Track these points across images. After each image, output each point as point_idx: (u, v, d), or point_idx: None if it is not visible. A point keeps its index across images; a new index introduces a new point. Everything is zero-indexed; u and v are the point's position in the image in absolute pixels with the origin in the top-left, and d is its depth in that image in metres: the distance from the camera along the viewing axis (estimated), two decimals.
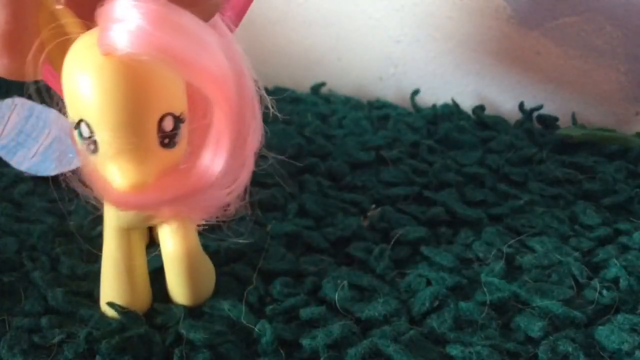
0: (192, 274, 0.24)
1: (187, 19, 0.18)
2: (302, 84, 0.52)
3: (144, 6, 0.17)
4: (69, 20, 0.19)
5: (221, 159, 0.19)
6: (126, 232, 0.23)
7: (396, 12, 0.47)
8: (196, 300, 0.25)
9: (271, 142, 0.39)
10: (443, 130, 0.41)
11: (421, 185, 0.34)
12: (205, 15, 0.19)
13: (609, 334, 0.24)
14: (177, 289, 0.24)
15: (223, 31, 0.21)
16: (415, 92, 0.47)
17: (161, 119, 0.19)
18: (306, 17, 0.51)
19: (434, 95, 0.48)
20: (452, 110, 0.44)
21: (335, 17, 0.51)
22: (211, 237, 0.29)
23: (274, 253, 0.28)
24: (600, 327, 0.24)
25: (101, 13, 0.17)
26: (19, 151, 0.32)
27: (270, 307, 0.25)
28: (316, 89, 0.50)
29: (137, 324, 0.23)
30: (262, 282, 0.26)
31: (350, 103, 0.47)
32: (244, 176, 0.21)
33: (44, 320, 0.24)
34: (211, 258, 0.26)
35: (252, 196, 0.33)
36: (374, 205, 0.33)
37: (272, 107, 0.22)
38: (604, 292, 0.26)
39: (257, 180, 0.35)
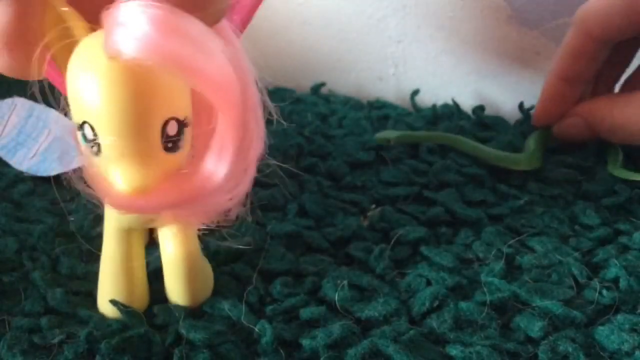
0: (190, 277, 0.24)
1: (193, 25, 0.18)
2: (302, 84, 0.52)
3: (150, 11, 0.17)
4: (76, 23, 0.19)
5: (224, 165, 0.19)
6: (126, 232, 0.23)
7: (396, 12, 0.47)
8: (194, 303, 0.25)
9: (271, 142, 0.39)
10: (443, 130, 0.41)
11: (421, 185, 0.34)
12: (211, 21, 0.19)
13: (609, 334, 0.24)
14: (176, 291, 0.24)
15: (229, 37, 0.21)
16: (415, 92, 0.47)
17: (165, 124, 0.19)
18: (306, 17, 0.51)
19: (434, 95, 0.48)
20: (452, 110, 0.44)
21: (335, 17, 0.51)
22: (210, 237, 0.29)
23: (274, 253, 0.28)
24: (600, 327, 0.24)
25: (107, 16, 0.17)
26: (18, 151, 0.32)
27: (270, 307, 0.25)
28: (316, 89, 0.50)
29: (137, 323, 0.24)
30: (262, 282, 0.26)
31: (350, 103, 0.48)
32: (246, 182, 0.21)
33: (43, 321, 0.24)
34: (211, 258, 0.26)
35: (252, 196, 0.33)
36: (374, 205, 0.33)
37: (276, 115, 0.22)
38: (604, 292, 0.26)
39: (257, 181, 0.35)
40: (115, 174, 0.19)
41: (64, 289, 0.25)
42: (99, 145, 0.19)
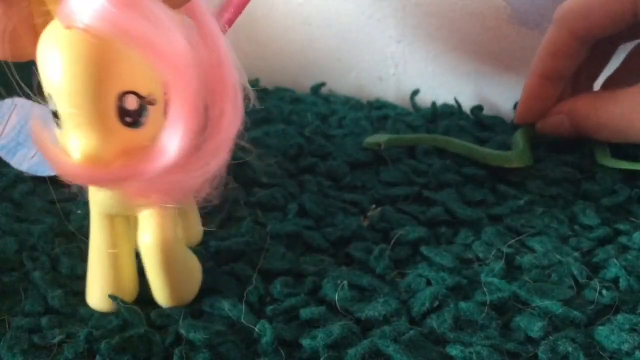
0: (167, 268, 0.23)
1: (150, 2, 0.18)
2: (302, 84, 0.52)
3: None
4: (55, 7, 0.19)
5: (176, 143, 0.19)
6: (109, 218, 0.23)
7: (396, 12, 0.47)
8: (175, 301, 0.24)
9: (271, 142, 0.40)
10: (442, 129, 0.41)
11: (421, 186, 0.34)
12: (174, 3, 0.19)
13: (608, 334, 0.24)
14: (154, 286, 0.24)
15: (203, 19, 0.21)
16: (415, 92, 0.47)
17: (122, 97, 0.19)
18: (306, 17, 0.51)
19: (433, 95, 0.48)
20: (451, 110, 0.44)
21: (335, 17, 0.51)
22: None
23: (274, 253, 0.28)
24: (600, 327, 0.24)
25: None
26: (19, 151, 0.32)
27: (271, 307, 0.25)
28: (316, 89, 0.50)
29: (137, 323, 0.24)
30: (262, 282, 0.26)
31: (350, 103, 0.48)
32: (216, 162, 0.21)
33: (44, 320, 0.24)
34: (212, 257, 0.26)
35: (252, 196, 0.33)
36: (373, 205, 0.33)
37: (254, 100, 0.23)
38: (604, 292, 0.26)
39: (257, 181, 0.35)
40: (71, 143, 0.20)
41: (64, 289, 0.25)
42: (58, 116, 0.20)
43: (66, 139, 0.20)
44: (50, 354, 0.22)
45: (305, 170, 0.36)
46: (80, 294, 0.25)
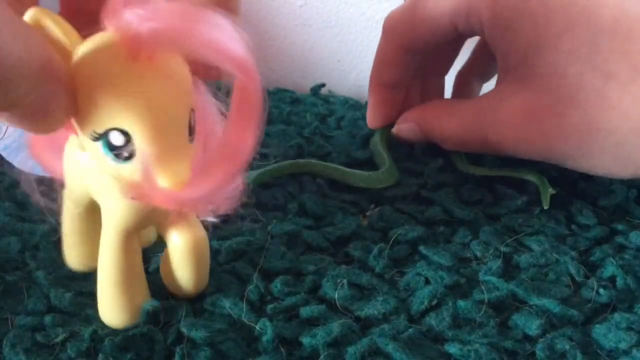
0: (200, 263, 0.24)
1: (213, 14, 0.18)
2: (302, 85, 0.52)
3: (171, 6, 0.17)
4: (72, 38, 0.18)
5: (251, 140, 0.19)
6: (132, 236, 0.23)
7: None
8: (201, 288, 0.25)
9: (271, 142, 0.40)
10: None
11: (419, 186, 0.35)
12: (231, 10, 0.19)
13: (606, 333, 0.24)
14: (184, 279, 0.24)
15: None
16: None
17: (191, 113, 0.19)
18: (306, 19, 0.52)
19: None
20: None
21: (335, 19, 0.51)
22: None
23: (274, 252, 0.28)
24: (597, 326, 0.24)
25: (115, 10, 0.17)
26: (21, 151, 0.33)
27: (271, 305, 0.25)
28: (316, 90, 0.50)
29: (139, 322, 0.24)
30: (262, 281, 0.26)
31: (349, 103, 0.48)
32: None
33: (47, 319, 0.24)
34: (213, 256, 0.27)
35: (252, 196, 0.33)
36: (372, 205, 0.33)
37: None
38: (601, 290, 0.26)
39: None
40: (157, 172, 0.18)
41: (66, 288, 0.26)
42: (130, 150, 0.18)
43: (143, 169, 0.18)
44: (53, 352, 0.23)
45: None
46: (83, 293, 0.26)
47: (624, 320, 0.24)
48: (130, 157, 0.18)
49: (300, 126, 0.43)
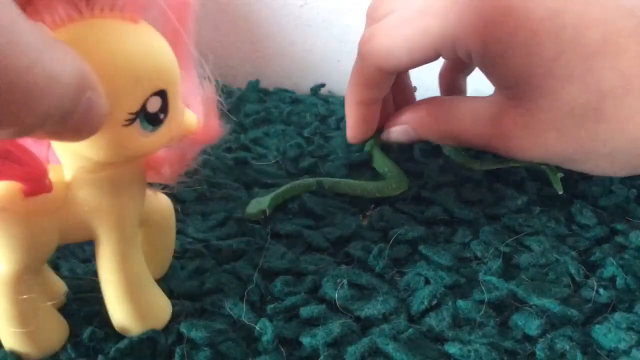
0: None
1: None
2: (302, 86, 0.52)
3: None
4: None
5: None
6: (136, 241, 0.22)
7: None
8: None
9: (271, 142, 0.40)
10: None
11: (419, 186, 0.35)
12: None
13: (606, 333, 0.24)
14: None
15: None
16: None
17: None
18: (306, 19, 0.52)
19: (433, 95, 0.48)
20: None
21: (335, 19, 0.51)
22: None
23: (274, 252, 0.28)
24: (597, 326, 0.24)
25: None
26: None
27: (271, 305, 0.25)
28: (316, 90, 0.50)
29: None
30: (262, 281, 0.26)
31: None
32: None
33: None
34: (213, 257, 0.27)
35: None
36: (373, 205, 0.33)
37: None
38: (601, 290, 0.26)
39: (257, 180, 0.35)
40: (186, 119, 0.21)
41: (65, 288, 0.26)
42: (165, 110, 0.19)
43: (170, 131, 0.20)
44: (53, 353, 0.23)
45: (305, 171, 0.37)
46: (83, 293, 0.26)
47: (624, 320, 0.24)
48: (165, 117, 0.19)
49: (300, 126, 0.43)
